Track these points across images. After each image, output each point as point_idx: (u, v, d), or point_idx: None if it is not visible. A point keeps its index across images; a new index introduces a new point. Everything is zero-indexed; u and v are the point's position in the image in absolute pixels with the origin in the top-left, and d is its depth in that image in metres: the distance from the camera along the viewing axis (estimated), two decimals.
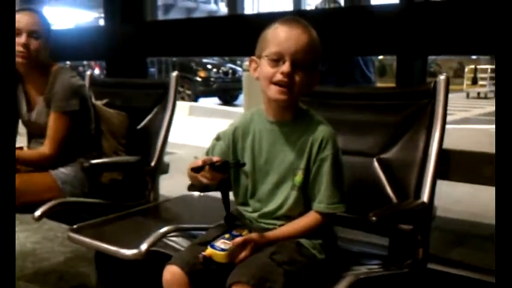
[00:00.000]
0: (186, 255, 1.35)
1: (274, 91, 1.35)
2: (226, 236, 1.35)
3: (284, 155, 1.41)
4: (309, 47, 1.35)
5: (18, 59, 2.09)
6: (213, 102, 12.64)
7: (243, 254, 1.29)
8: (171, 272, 1.31)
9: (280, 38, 1.35)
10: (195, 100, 12.28)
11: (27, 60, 2.09)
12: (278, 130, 1.43)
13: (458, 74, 16.90)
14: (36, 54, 2.11)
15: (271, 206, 1.43)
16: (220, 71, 13.15)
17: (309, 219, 1.39)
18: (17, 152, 2.11)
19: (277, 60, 1.34)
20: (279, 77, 1.34)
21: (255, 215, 1.45)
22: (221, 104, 12.23)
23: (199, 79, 12.87)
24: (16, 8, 2.18)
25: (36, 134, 2.22)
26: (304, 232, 1.38)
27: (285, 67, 1.33)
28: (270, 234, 1.36)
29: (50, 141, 2.10)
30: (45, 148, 2.10)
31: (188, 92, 12.52)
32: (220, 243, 1.31)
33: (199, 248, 1.34)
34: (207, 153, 1.49)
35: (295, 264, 1.29)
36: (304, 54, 1.34)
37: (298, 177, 1.39)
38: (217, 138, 1.51)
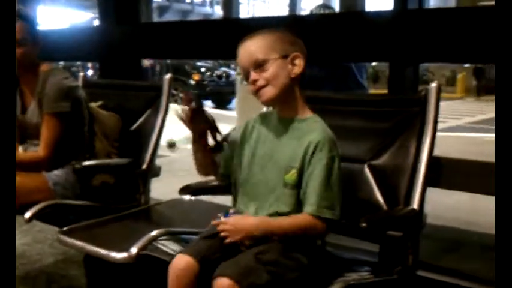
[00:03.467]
0: (197, 246, 1.40)
1: (258, 99, 1.45)
2: None
3: (283, 151, 1.44)
4: (257, 48, 1.42)
5: None
6: (206, 105, 12.62)
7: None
8: (184, 260, 1.34)
9: (239, 58, 1.46)
10: None
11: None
12: (283, 126, 1.47)
13: (451, 82, 16.96)
14: (23, 60, 2.08)
15: (264, 203, 1.44)
16: (214, 74, 13.15)
17: (300, 218, 1.38)
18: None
19: (246, 75, 1.44)
20: (251, 88, 1.43)
21: (251, 210, 1.46)
22: (214, 107, 12.21)
23: (193, 82, 12.86)
24: None
25: (29, 134, 2.21)
26: (295, 229, 1.37)
27: (250, 79, 1.42)
28: (264, 219, 1.39)
29: (44, 144, 2.09)
30: (39, 151, 2.10)
31: (182, 95, 12.50)
32: None
33: (206, 240, 1.40)
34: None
35: (280, 266, 1.31)
36: (257, 55, 1.40)
37: (291, 176, 1.40)
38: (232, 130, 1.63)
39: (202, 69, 13.11)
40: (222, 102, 12.88)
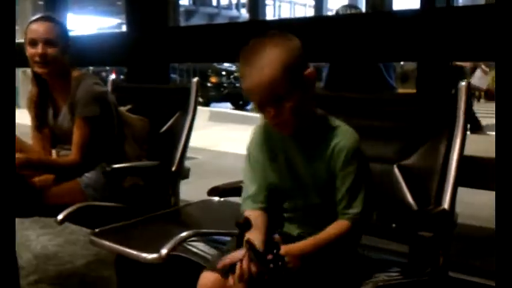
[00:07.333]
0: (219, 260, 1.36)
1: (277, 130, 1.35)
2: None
3: (303, 166, 1.39)
4: (272, 80, 1.22)
5: (38, 69, 2.14)
6: (225, 107, 12.65)
7: None
8: (210, 279, 1.31)
9: (247, 83, 1.28)
10: (207, 105, 12.28)
11: (47, 69, 2.13)
12: (294, 142, 1.39)
13: None
14: (55, 62, 2.13)
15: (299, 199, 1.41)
16: (231, 76, 13.14)
17: (335, 227, 1.34)
18: (47, 158, 2.16)
19: (259, 106, 1.29)
20: (270, 122, 1.32)
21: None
22: (233, 109, 12.22)
23: (209, 84, 12.91)
24: (37, 16, 2.21)
25: (60, 139, 2.26)
26: (331, 240, 1.33)
27: (268, 114, 1.27)
28: (295, 246, 1.30)
29: (76, 148, 2.12)
30: (72, 155, 2.13)
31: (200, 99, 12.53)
32: None
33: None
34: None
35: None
36: (276, 90, 1.22)
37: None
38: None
39: (223, 73, 13.15)
40: (239, 104, 12.81)
